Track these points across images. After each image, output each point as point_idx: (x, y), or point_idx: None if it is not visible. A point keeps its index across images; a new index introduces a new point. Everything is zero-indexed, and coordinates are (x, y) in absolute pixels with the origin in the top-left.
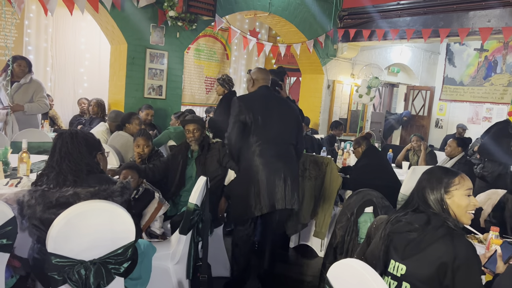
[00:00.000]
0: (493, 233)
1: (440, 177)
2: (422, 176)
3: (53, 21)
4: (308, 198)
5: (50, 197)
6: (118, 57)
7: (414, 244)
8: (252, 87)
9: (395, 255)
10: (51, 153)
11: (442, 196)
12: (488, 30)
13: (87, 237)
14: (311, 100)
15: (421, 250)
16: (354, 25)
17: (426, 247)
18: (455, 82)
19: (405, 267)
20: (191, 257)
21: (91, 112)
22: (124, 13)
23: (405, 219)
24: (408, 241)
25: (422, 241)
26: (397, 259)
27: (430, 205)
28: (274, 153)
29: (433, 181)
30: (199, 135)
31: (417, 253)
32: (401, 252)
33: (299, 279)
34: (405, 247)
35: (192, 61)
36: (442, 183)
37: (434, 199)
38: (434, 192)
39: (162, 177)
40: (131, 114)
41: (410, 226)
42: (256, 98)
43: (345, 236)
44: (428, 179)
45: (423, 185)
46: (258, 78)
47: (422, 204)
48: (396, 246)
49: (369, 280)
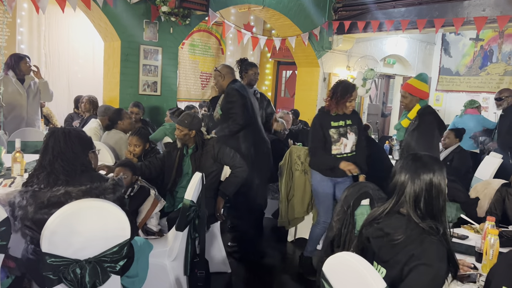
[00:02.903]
0: (489, 223)
1: (443, 169)
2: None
3: (46, 19)
4: (303, 191)
5: (41, 197)
6: (112, 54)
7: (388, 248)
8: (223, 81)
9: (376, 258)
10: (43, 152)
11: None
12: (483, 19)
13: (81, 236)
14: (307, 93)
15: (394, 255)
16: (348, 17)
17: (399, 251)
18: (451, 72)
19: (385, 270)
20: (188, 254)
21: (83, 109)
22: (116, 10)
23: (378, 224)
24: (382, 245)
25: (395, 245)
26: (378, 261)
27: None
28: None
29: (439, 173)
30: (182, 135)
31: (392, 257)
32: (378, 255)
33: (297, 272)
34: (380, 251)
35: (187, 56)
36: (445, 176)
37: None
38: (442, 185)
39: (159, 174)
40: (119, 111)
41: (382, 232)
42: (244, 88)
43: (342, 229)
44: (433, 171)
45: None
46: (228, 73)
47: (411, 201)
48: (374, 249)
49: (364, 273)
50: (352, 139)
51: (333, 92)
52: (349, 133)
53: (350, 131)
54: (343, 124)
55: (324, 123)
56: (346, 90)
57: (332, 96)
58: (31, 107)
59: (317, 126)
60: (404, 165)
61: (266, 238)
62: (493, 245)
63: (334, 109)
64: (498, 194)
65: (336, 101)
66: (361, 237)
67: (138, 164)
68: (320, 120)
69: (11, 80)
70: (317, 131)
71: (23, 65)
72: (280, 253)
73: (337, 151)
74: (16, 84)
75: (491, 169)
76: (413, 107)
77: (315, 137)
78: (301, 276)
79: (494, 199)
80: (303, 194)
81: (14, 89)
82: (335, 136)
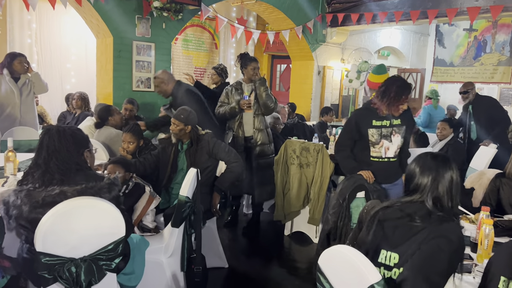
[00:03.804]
0: (484, 213)
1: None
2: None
3: (37, 17)
4: (300, 185)
5: (36, 196)
6: (104, 51)
7: (405, 230)
8: (168, 86)
9: (385, 244)
10: (37, 150)
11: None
12: (476, 9)
13: (75, 234)
14: (302, 87)
15: (411, 236)
16: (342, 9)
17: (417, 232)
18: (445, 63)
19: (397, 255)
20: (184, 250)
21: (75, 105)
22: (108, 6)
23: (397, 206)
24: (398, 227)
25: (413, 227)
26: (388, 248)
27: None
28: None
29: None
30: (178, 130)
31: (408, 239)
32: (391, 240)
33: (294, 266)
34: (394, 233)
35: (181, 52)
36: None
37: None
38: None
39: (154, 171)
40: (107, 107)
41: (403, 213)
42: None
43: (338, 222)
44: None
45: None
46: (169, 77)
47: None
48: (386, 235)
49: (359, 265)
50: (397, 142)
51: (385, 91)
52: (394, 135)
53: (396, 132)
54: (387, 124)
55: (363, 121)
56: (402, 90)
57: (383, 96)
58: (24, 105)
59: (351, 124)
60: (423, 166)
61: (263, 232)
62: (488, 235)
63: (384, 110)
64: (492, 184)
65: (388, 103)
66: (371, 223)
67: (132, 160)
68: (358, 117)
69: (5, 78)
70: (347, 130)
71: (16, 63)
72: (277, 247)
73: (377, 155)
74: (9, 83)
75: (486, 160)
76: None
77: (343, 136)
78: (298, 270)
79: (488, 189)
80: (299, 188)
81: (7, 88)
82: (375, 136)
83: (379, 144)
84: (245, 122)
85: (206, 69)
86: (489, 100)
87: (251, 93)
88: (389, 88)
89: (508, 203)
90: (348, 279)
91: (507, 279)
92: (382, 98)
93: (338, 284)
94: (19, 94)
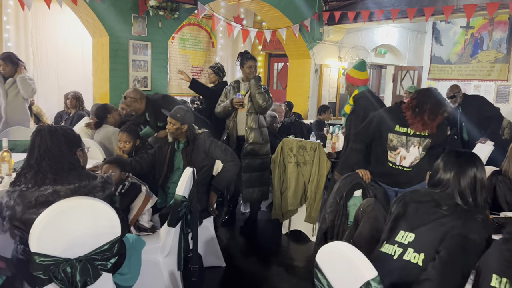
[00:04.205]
0: None
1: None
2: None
3: (32, 16)
4: (296, 183)
5: (29, 197)
6: (101, 50)
7: (427, 213)
8: (140, 104)
9: (404, 225)
10: (29, 151)
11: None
12: (473, 7)
13: (70, 234)
14: (299, 85)
15: (432, 220)
16: (339, 7)
17: (440, 217)
18: (442, 61)
19: (414, 235)
20: (181, 249)
21: (69, 105)
22: (103, 5)
23: (426, 192)
24: (421, 209)
25: (437, 212)
26: (406, 229)
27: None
28: None
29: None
30: (174, 129)
31: (429, 223)
32: (412, 221)
33: (291, 264)
34: (416, 214)
35: (177, 50)
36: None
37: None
38: (484, 179)
39: (150, 170)
40: (104, 106)
41: (431, 198)
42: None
43: (335, 221)
44: (476, 166)
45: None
46: (141, 96)
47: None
48: (407, 216)
49: (356, 262)
50: (415, 154)
51: (418, 107)
52: (415, 146)
53: (418, 143)
54: (411, 133)
55: (384, 124)
56: (439, 107)
57: (417, 114)
58: (11, 106)
59: (372, 124)
60: (447, 162)
61: (260, 231)
62: None
63: (419, 128)
64: (488, 182)
65: (422, 122)
66: (397, 203)
67: (129, 160)
68: (381, 119)
69: None
70: (368, 127)
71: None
72: (275, 246)
73: (392, 160)
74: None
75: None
76: (353, 94)
77: (363, 132)
78: (295, 269)
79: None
80: (296, 187)
81: None
82: (393, 141)
83: (396, 151)
84: (238, 120)
85: (203, 68)
86: (478, 98)
87: (248, 92)
88: (422, 105)
89: (504, 200)
90: (344, 275)
91: (499, 277)
92: (416, 116)
93: (335, 280)
94: (5, 94)
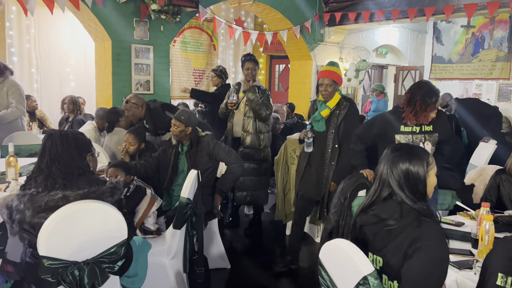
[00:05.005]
0: (484, 209)
1: (422, 158)
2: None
3: (35, 21)
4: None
5: (38, 201)
6: (103, 54)
7: (384, 234)
8: (141, 111)
9: (370, 247)
10: (40, 155)
11: (425, 177)
12: (473, 6)
13: (78, 238)
14: (301, 86)
15: (392, 240)
16: (339, 8)
17: (396, 236)
18: (444, 60)
19: (381, 259)
20: (186, 251)
21: (66, 110)
22: (106, 9)
23: (372, 211)
24: (377, 232)
25: (392, 230)
26: (373, 251)
27: (404, 188)
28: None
29: (416, 162)
30: (178, 131)
31: (389, 243)
32: (373, 244)
33: (296, 265)
34: (375, 238)
35: (179, 54)
36: (424, 164)
37: (416, 180)
38: (419, 173)
39: (155, 173)
40: (115, 110)
41: (378, 218)
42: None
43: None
44: (409, 160)
45: (402, 166)
46: (143, 103)
47: (396, 188)
48: (368, 238)
49: (354, 258)
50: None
51: (410, 99)
52: (424, 143)
53: (427, 140)
54: (417, 130)
55: (388, 126)
56: (428, 96)
57: (409, 104)
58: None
59: (375, 127)
60: (384, 155)
61: (264, 232)
62: (488, 230)
63: (412, 120)
64: (492, 181)
65: (414, 112)
66: (354, 227)
67: (133, 163)
68: (383, 122)
69: None
70: (369, 128)
71: None
72: (279, 247)
73: None
74: None
75: (486, 156)
76: (334, 96)
77: (364, 134)
78: (300, 270)
79: (489, 186)
80: None
81: None
82: (402, 142)
83: None
84: (235, 123)
85: (205, 71)
86: (471, 99)
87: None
88: (414, 96)
89: (508, 199)
90: (345, 270)
91: (505, 275)
92: (408, 107)
93: (337, 276)
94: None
